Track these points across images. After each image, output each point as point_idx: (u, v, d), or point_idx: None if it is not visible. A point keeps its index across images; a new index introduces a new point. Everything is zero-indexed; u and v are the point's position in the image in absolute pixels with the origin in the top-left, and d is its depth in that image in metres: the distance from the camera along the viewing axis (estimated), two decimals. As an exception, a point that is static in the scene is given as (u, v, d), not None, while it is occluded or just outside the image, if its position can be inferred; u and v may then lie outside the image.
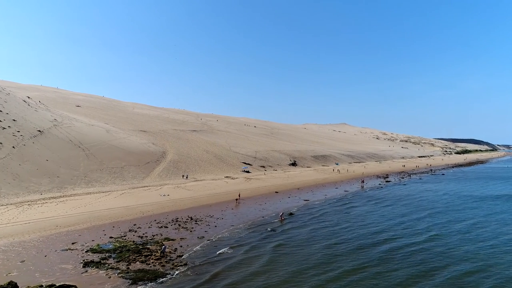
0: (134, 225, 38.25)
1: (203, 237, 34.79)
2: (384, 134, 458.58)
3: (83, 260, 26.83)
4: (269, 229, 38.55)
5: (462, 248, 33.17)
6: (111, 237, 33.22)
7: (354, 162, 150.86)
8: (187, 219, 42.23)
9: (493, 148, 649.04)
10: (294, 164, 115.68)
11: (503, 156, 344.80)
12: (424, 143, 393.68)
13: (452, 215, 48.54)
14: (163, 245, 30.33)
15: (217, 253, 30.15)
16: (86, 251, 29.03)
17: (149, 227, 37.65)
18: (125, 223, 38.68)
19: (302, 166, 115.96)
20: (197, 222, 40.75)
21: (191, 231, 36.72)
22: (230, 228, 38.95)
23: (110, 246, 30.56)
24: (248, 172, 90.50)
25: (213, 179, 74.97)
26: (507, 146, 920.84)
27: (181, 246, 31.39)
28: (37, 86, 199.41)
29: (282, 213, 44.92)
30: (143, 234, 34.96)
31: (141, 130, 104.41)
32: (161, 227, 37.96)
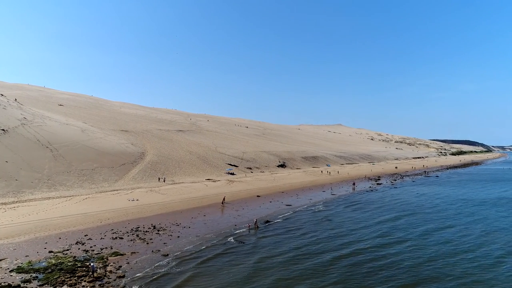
0: (86, 235, 33.78)
1: (159, 250, 30.38)
2: (380, 135, 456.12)
3: None
4: (237, 241, 34.17)
5: (436, 263, 29.15)
6: (50, 252, 28.73)
7: (347, 164, 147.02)
8: (149, 228, 37.81)
9: (488, 149, 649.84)
10: (283, 165, 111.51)
11: (498, 158, 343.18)
12: (419, 144, 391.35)
13: (439, 223, 44.50)
14: (106, 262, 25.95)
15: (164, 271, 25.75)
16: (11, 271, 24.55)
17: (101, 238, 33.18)
18: (75, 234, 34.18)
19: (291, 168, 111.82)
20: (159, 232, 36.34)
21: (148, 243, 32.30)
22: (195, 239, 34.55)
23: (44, 263, 26.10)
24: (232, 174, 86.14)
25: (192, 182, 70.55)
26: (502, 147, 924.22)
27: (127, 263, 26.97)
28: (23, 85, 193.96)
29: (256, 221, 40.58)
30: (91, 247, 30.50)
31: (122, 130, 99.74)
32: (115, 238, 33.51)
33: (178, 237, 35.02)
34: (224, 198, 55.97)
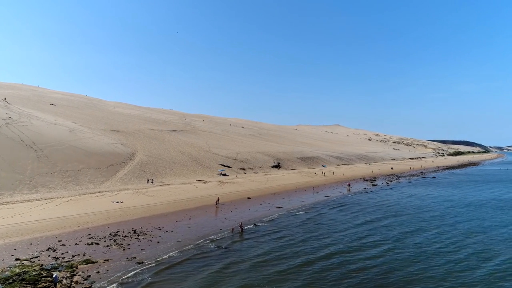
0: (59, 241, 31.93)
1: (134, 257, 28.55)
2: (377, 135, 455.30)
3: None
4: (217, 247, 32.34)
5: (411, 266, 27.51)
6: (17, 259, 26.88)
7: (343, 164, 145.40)
8: (129, 232, 35.99)
9: (486, 150, 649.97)
10: (277, 166, 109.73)
11: (496, 158, 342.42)
12: (417, 144, 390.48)
13: (428, 225, 42.83)
14: (75, 271, 24.14)
15: (133, 281, 23.96)
16: (-32, 281, 22.69)
17: (76, 244, 31.34)
18: (48, 239, 32.32)
19: (286, 169, 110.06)
20: (139, 237, 34.52)
21: (124, 250, 30.48)
22: (175, 244, 32.74)
23: (7, 273, 24.25)
24: (224, 175, 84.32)
25: (182, 183, 68.69)
26: (499, 148, 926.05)
27: (97, 272, 25.14)
28: (16, 84, 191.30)
29: (241, 225, 38.79)
30: (62, 254, 28.66)
31: (113, 130, 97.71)
32: (91, 244, 31.67)
33: (158, 242, 33.20)
34: (218, 199, 55.44)
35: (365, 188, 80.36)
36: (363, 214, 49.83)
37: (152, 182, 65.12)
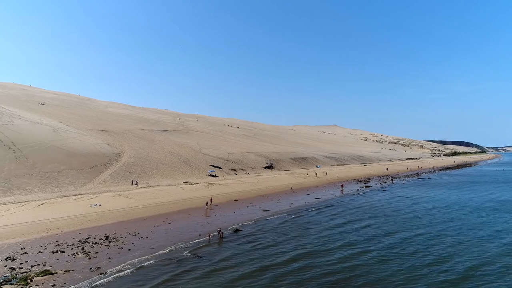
0: (22, 249, 29.68)
1: (99, 268, 26.35)
2: (374, 136, 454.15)
3: None
4: (193, 255, 30.16)
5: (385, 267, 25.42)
6: (-32, 270, 24.64)
7: (338, 165, 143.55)
8: (101, 238, 33.78)
9: (482, 150, 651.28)
10: (270, 167, 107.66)
11: (492, 159, 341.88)
12: (414, 145, 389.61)
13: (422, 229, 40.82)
14: (28, 284, 21.93)
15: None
16: None
17: (39, 252, 29.10)
18: (10, 247, 30.06)
19: (278, 169, 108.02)
20: (110, 244, 32.30)
21: (90, 258, 28.27)
22: (146, 252, 30.51)
23: (-49, 286, 22.02)
24: (214, 176, 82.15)
25: (169, 185, 66.47)
26: (496, 148, 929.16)
27: (53, 286, 22.89)
28: (7, 84, 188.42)
29: (220, 230, 36.62)
30: (21, 264, 26.42)
31: (101, 130, 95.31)
32: (56, 251, 29.43)
33: (129, 250, 30.99)
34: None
35: (357, 189, 78.39)
36: (350, 217, 47.67)
37: (137, 184, 62.86)
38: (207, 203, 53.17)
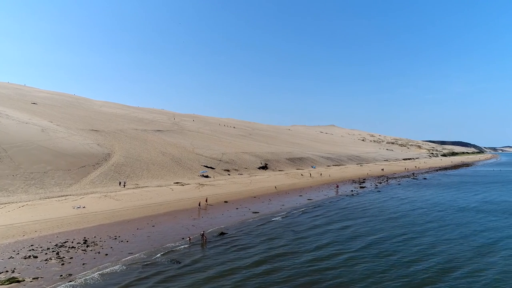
0: (-6, 254, 28.35)
1: (70, 275, 25.01)
2: (372, 136, 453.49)
3: None
4: (171, 261, 28.80)
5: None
6: None
7: (333, 165, 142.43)
8: (78, 242, 32.45)
9: (480, 151, 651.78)
10: (264, 167, 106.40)
11: (489, 159, 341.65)
12: (411, 145, 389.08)
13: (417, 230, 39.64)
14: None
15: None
16: None
17: (10, 258, 27.76)
18: (-19, 252, 28.71)
19: (273, 170, 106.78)
20: (87, 248, 30.97)
21: (63, 264, 26.95)
22: (124, 258, 29.19)
23: None
24: (206, 177, 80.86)
25: (158, 186, 65.13)
26: (494, 149, 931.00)
27: (16, 295, 21.64)
28: (0, 83, 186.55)
29: (203, 234, 35.31)
30: (-11, 270, 25.10)
31: (92, 129, 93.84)
32: (28, 257, 28.09)
33: (106, 254, 29.67)
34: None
35: (351, 190, 77.20)
36: (339, 219, 46.43)
37: (124, 185, 61.46)
38: (199, 203, 52.79)
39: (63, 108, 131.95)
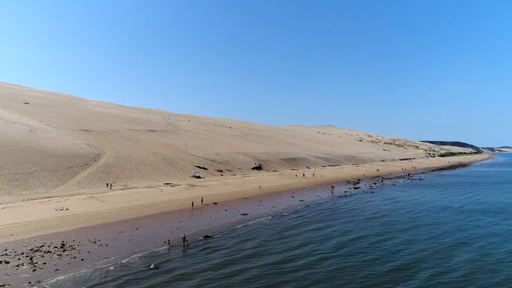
0: (-37, 259, 27.12)
1: (39, 281, 23.82)
2: (369, 136, 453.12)
3: None
4: (150, 267, 27.60)
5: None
6: None
7: (329, 166, 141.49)
8: (55, 246, 31.25)
9: (477, 151, 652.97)
10: (258, 168, 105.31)
11: (487, 159, 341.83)
12: (409, 145, 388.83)
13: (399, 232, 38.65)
14: None
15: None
16: None
17: (-20, 263, 26.56)
18: (-50, 257, 27.47)
19: (267, 170, 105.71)
20: (64, 253, 29.78)
21: (35, 270, 25.76)
22: (101, 262, 28.01)
23: None
24: (198, 177, 79.70)
25: (147, 187, 63.96)
26: (491, 149, 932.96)
27: (-22, 304, 20.46)
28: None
29: (185, 237, 34.12)
30: (-45, 277, 23.89)
31: (83, 129, 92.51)
32: (0, 262, 26.90)
33: (82, 260, 28.48)
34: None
35: (345, 191, 76.15)
36: (326, 222, 45.41)
37: (111, 187, 60.19)
38: (192, 203, 53.09)
39: (56, 107, 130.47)
